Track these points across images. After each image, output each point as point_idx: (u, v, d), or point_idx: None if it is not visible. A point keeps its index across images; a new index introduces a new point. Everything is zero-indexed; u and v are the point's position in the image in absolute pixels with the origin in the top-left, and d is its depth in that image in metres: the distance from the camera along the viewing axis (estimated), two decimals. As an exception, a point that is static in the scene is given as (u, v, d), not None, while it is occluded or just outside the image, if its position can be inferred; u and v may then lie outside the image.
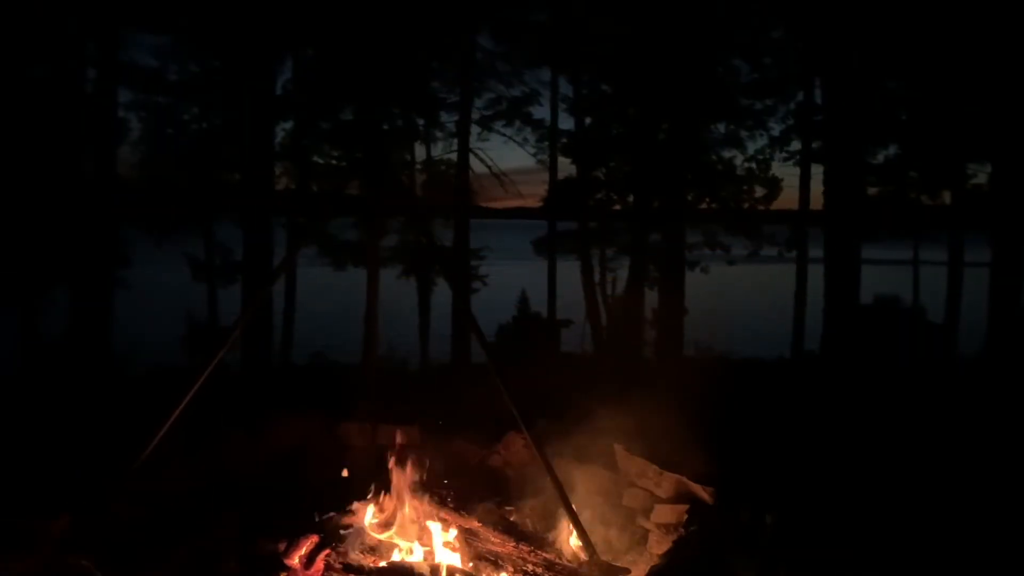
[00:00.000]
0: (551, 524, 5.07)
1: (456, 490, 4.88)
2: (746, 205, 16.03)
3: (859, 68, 13.71)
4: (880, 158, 15.57)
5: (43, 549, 4.14)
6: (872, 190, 15.65)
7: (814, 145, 15.27)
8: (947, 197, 15.54)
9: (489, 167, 15.87)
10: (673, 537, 4.76)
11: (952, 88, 13.97)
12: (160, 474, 4.95)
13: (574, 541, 4.70)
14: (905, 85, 15.17)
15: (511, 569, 4.22)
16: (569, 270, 16.82)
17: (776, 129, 15.80)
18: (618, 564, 4.64)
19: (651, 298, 15.53)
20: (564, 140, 16.31)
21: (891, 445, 6.53)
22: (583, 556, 4.47)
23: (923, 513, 4.99)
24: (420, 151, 16.24)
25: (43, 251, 12.35)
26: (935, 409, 7.98)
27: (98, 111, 12.98)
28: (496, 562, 4.24)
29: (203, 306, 15.07)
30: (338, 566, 4.00)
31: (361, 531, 4.32)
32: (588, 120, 15.98)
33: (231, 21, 13.15)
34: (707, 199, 15.99)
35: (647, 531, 5.10)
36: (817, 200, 14.82)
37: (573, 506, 4.37)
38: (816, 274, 14.45)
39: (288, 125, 15.01)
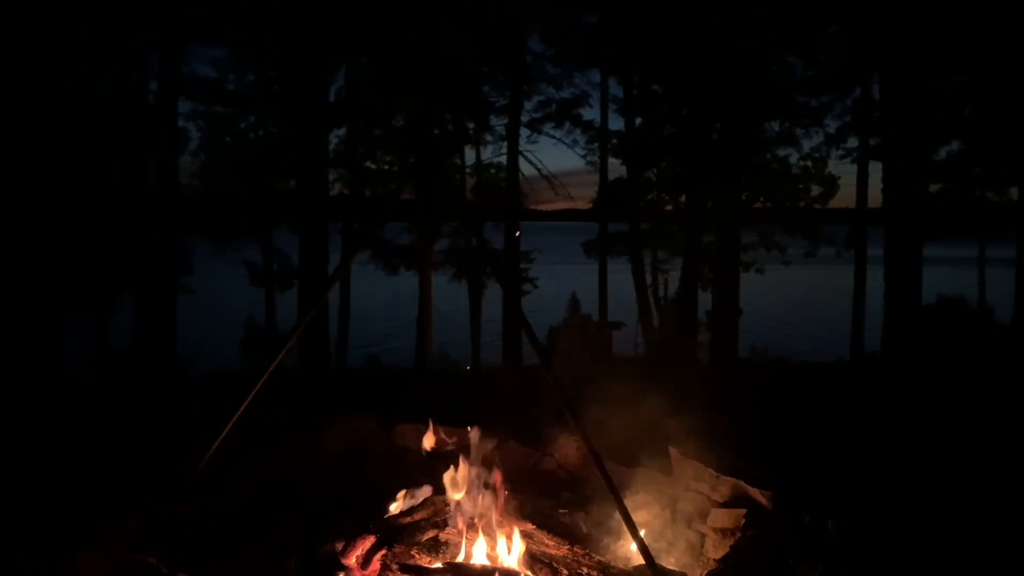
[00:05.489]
0: (605, 527, 5.04)
1: (510, 492, 4.89)
2: (802, 204, 15.72)
3: (918, 61, 13.32)
4: (942, 154, 15.10)
5: (114, 547, 4.27)
6: (934, 187, 15.18)
7: (872, 142, 14.89)
8: (1014, 193, 14.98)
9: (539, 169, 15.92)
10: (730, 542, 4.68)
11: (1017, 80, 13.45)
12: (223, 475, 5.07)
13: (629, 544, 4.67)
14: (968, 78, 14.67)
15: (566, 572, 4.21)
16: (620, 272, 16.72)
17: (832, 126, 15.47)
18: (674, 568, 4.60)
19: (704, 300, 15.34)
20: (614, 141, 16.26)
21: (956, 451, 6.33)
22: (638, 560, 4.44)
23: (990, 521, 4.83)
24: (470, 155, 16.37)
25: (109, 259, 12.79)
26: (1002, 415, 7.70)
27: (160, 122, 13.40)
28: (551, 564, 4.23)
29: (261, 311, 15.43)
30: (395, 566, 4.04)
31: (418, 531, 4.36)
32: (639, 121, 15.88)
33: (287, 32, 13.45)
34: (762, 198, 15.73)
35: (703, 535, 5.03)
36: (876, 198, 14.47)
37: (628, 509, 4.34)
38: (876, 274, 14.09)
39: (342, 132, 15.30)
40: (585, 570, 4.26)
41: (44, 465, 5.66)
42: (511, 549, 4.27)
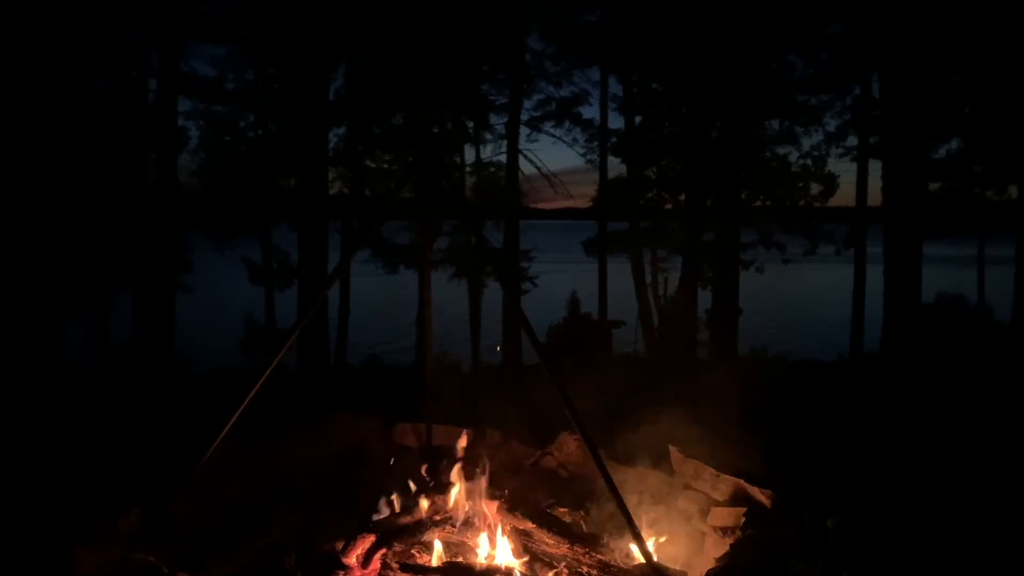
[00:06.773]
0: (606, 526, 5.04)
1: (510, 491, 4.89)
2: (802, 203, 15.73)
3: (919, 59, 13.32)
4: (942, 152, 15.11)
5: (112, 545, 4.27)
6: (934, 185, 15.18)
7: (872, 140, 14.90)
8: (1014, 191, 15.00)
9: (538, 168, 15.89)
10: (730, 540, 4.68)
11: (1017, 78, 13.46)
12: (222, 472, 5.06)
13: (629, 543, 4.67)
14: (968, 76, 14.68)
15: (566, 571, 4.21)
16: (620, 271, 16.71)
17: (832, 124, 15.49)
18: (674, 567, 4.59)
19: (704, 298, 15.34)
20: (614, 139, 16.24)
21: (955, 450, 6.33)
22: (638, 558, 4.44)
23: (989, 520, 4.83)
24: (470, 153, 16.35)
25: (109, 257, 12.77)
26: (1000, 414, 7.71)
27: (159, 120, 13.38)
28: (551, 563, 4.23)
29: (261, 309, 15.43)
30: (395, 565, 4.04)
31: (417, 530, 4.36)
32: (638, 119, 15.87)
33: (287, 30, 13.43)
34: (761, 197, 15.73)
35: (703, 534, 5.03)
36: (876, 196, 14.47)
37: (628, 508, 4.34)
38: (876, 273, 14.09)
39: (341, 130, 15.28)
40: (585, 569, 4.26)
41: (43, 461, 5.65)
42: (511, 548, 4.27)
